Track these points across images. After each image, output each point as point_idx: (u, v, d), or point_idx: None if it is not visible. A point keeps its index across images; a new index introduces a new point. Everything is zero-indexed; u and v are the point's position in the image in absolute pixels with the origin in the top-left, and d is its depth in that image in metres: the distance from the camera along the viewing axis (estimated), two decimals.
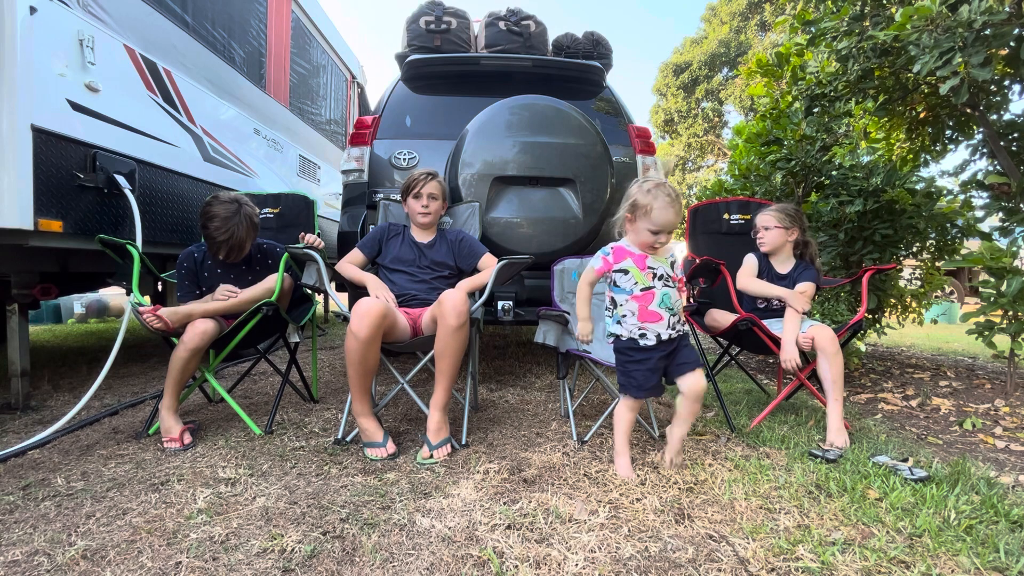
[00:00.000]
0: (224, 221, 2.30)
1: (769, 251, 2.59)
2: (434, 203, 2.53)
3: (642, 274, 1.83)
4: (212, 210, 2.32)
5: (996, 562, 1.32)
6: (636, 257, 1.84)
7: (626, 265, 1.84)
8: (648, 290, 1.83)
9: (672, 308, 1.84)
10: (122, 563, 1.30)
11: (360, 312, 1.95)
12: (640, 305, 1.83)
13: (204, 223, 2.34)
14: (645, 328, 1.82)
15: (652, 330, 1.82)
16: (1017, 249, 2.95)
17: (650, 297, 1.82)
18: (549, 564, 1.31)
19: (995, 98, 3.18)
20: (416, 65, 3.46)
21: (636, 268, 1.83)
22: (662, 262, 1.86)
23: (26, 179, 2.22)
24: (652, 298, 1.82)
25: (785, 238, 2.55)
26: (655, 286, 1.83)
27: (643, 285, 1.83)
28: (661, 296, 1.83)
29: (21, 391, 2.59)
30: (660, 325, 1.82)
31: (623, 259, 1.85)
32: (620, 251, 1.87)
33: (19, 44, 2.19)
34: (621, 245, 1.87)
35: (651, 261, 1.84)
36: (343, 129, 6.64)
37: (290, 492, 1.69)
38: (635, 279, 1.83)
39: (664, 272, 1.85)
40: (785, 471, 1.87)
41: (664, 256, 1.87)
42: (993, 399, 2.88)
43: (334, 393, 2.98)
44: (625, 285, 1.85)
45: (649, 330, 1.82)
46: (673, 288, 1.87)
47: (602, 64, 3.74)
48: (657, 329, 1.82)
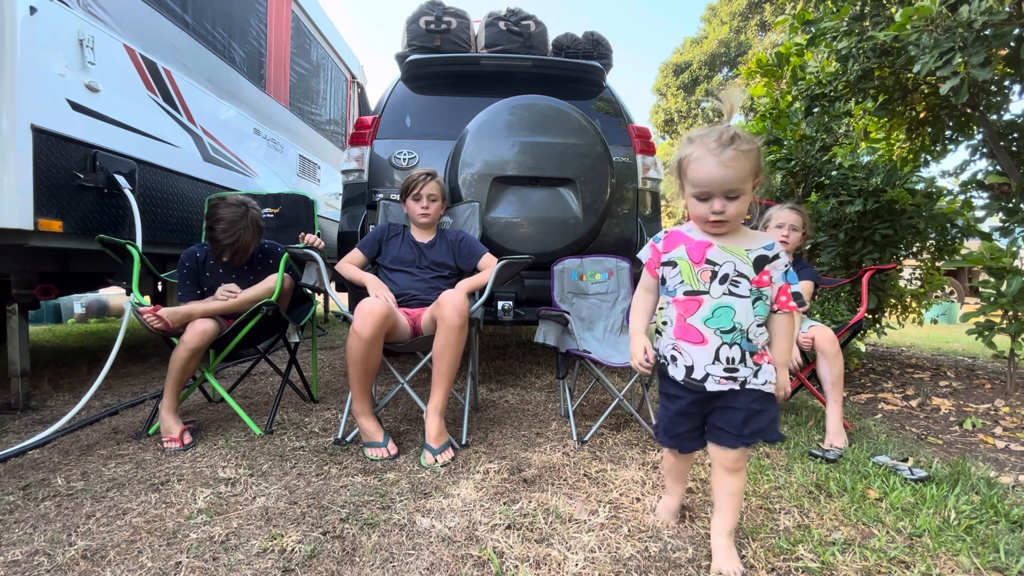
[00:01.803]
0: (230, 224, 2.31)
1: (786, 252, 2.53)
2: (433, 204, 2.53)
3: (693, 270, 1.25)
4: (219, 212, 2.32)
5: (996, 562, 1.32)
6: (693, 245, 1.26)
7: (675, 255, 1.28)
8: (695, 296, 1.24)
9: (731, 333, 1.22)
10: (122, 563, 1.30)
11: (364, 312, 1.95)
12: (679, 314, 1.26)
13: (211, 225, 2.34)
14: (679, 350, 1.28)
15: (687, 356, 1.26)
16: (1017, 249, 2.95)
17: (694, 306, 1.24)
18: (549, 564, 1.31)
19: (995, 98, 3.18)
20: (416, 65, 3.46)
21: (687, 260, 1.26)
22: (738, 255, 1.23)
23: (26, 179, 2.22)
24: (697, 307, 1.24)
25: (800, 242, 2.54)
26: (709, 291, 1.23)
27: (689, 287, 1.25)
28: (713, 308, 1.22)
29: (21, 391, 2.59)
30: (701, 353, 1.24)
31: (675, 246, 1.29)
32: (675, 236, 1.31)
33: (19, 44, 2.19)
34: (679, 228, 1.33)
35: (716, 252, 1.24)
36: (343, 129, 6.64)
37: (290, 492, 1.69)
38: (682, 276, 1.27)
39: (734, 272, 1.22)
40: (785, 471, 1.87)
41: (746, 246, 1.24)
42: (993, 399, 2.88)
43: (334, 393, 2.98)
44: (671, 283, 1.30)
45: (683, 355, 1.27)
46: (750, 300, 1.23)
47: (602, 64, 3.74)
48: (694, 357, 1.25)
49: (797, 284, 1.26)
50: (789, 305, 1.25)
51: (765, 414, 1.24)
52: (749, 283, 1.22)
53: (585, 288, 2.70)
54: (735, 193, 1.18)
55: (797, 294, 1.26)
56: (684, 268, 1.26)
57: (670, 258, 1.30)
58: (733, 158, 1.16)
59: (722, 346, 1.23)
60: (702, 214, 1.22)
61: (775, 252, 1.25)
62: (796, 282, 1.26)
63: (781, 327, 1.27)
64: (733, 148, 1.15)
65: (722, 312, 1.22)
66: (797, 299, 1.26)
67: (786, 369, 1.28)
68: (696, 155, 1.19)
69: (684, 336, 1.26)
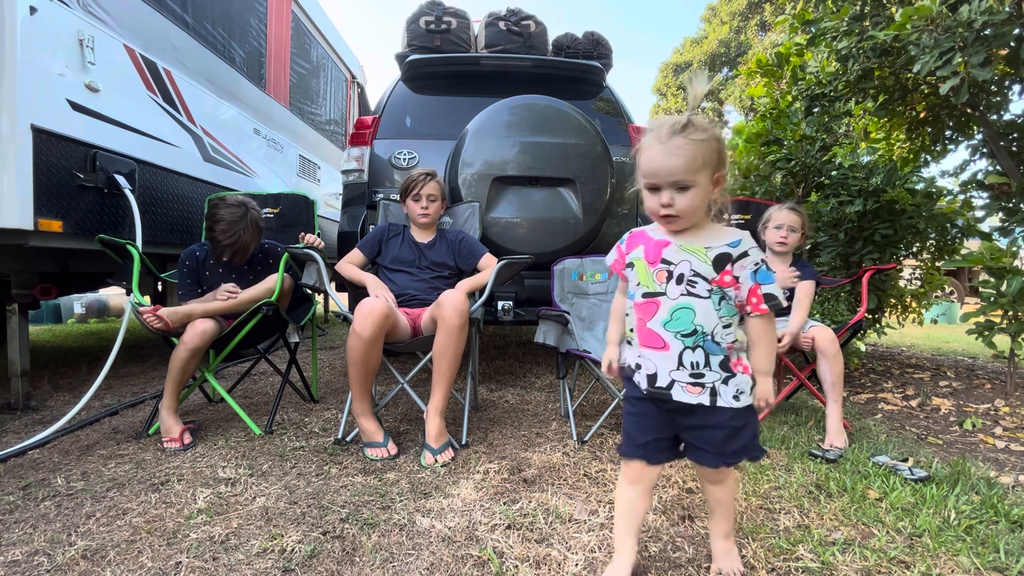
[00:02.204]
0: (230, 225, 2.31)
1: (785, 252, 2.53)
2: (433, 204, 2.53)
3: (649, 270, 1.18)
4: (218, 213, 2.33)
5: (996, 562, 1.32)
6: (651, 245, 1.19)
7: (634, 256, 1.22)
8: (653, 297, 1.16)
9: (693, 336, 1.13)
10: (122, 563, 1.30)
11: (364, 312, 1.95)
12: (639, 318, 1.19)
13: (210, 225, 2.34)
14: (641, 357, 1.20)
15: (650, 363, 1.17)
16: (1017, 249, 2.95)
17: (652, 308, 1.16)
18: (549, 564, 1.31)
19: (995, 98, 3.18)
20: (416, 65, 3.46)
21: (643, 261, 1.19)
22: (695, 253, 1.14)
23: (26, 179, 2.22)
24: (655, 310, 1.16)
25: (800, 242, 2.53)
26: (665, 292, 1.15)
27: (647, 288, 1.18)
28: (671, 310, 1.14)
29: (21, 391, 2.59)
30: (664, 359, 1.15)
31: (635, 247, 1.23)
32: (636, 236, 1.25)
33: (19, 44, 2.19)
34: (644, 228, 1.26)
35: (672, 251, 1.16)
36: (343, 129, 6.64)
37: (290, 492, 1.69)
38: (639, 277, 1.20)
39: (689, 272, 1.14)
40: (785, 471, 1.87)
41: (706, 243, 1.14)
42: (993, 399, 2.88)
43: (334, 393, 2.98)
44: (630, 286, 1.23)
45: (646, 362, 1.18)
46: (711, 300, 1.13)
47: (602, 64, 3.74)
48: (657, 364, 1.16)
49: (771, 284, 1.13)
50: (760, 308, 1.13)
51: (746, 430, 1.16)
52: (708, 283, 1.12)
53: (585, 288, 2.70)
54: (684, 184, 1.08)
55: (769, 295, 1.12)
56: (640, 269, 1.19)
57: (630, 259, 1.23)
58: (680, 147, 1.07)
59: (685, 350, 1.13)
60: (653, 207, 1.14)
61: (743, 249, 1.12)
62: (769, 281, 1.13)
63: (756, 332, 1.15)
64: (683, 136, 1.07)
65: (681, 314, 1.13)
66: (769, 300, 1.12)
67: (769, 378, 1.17)
68: (645, 143, 1.12)
69: (646, 342, 1.17)
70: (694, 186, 1.09)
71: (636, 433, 1.24)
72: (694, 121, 1.09)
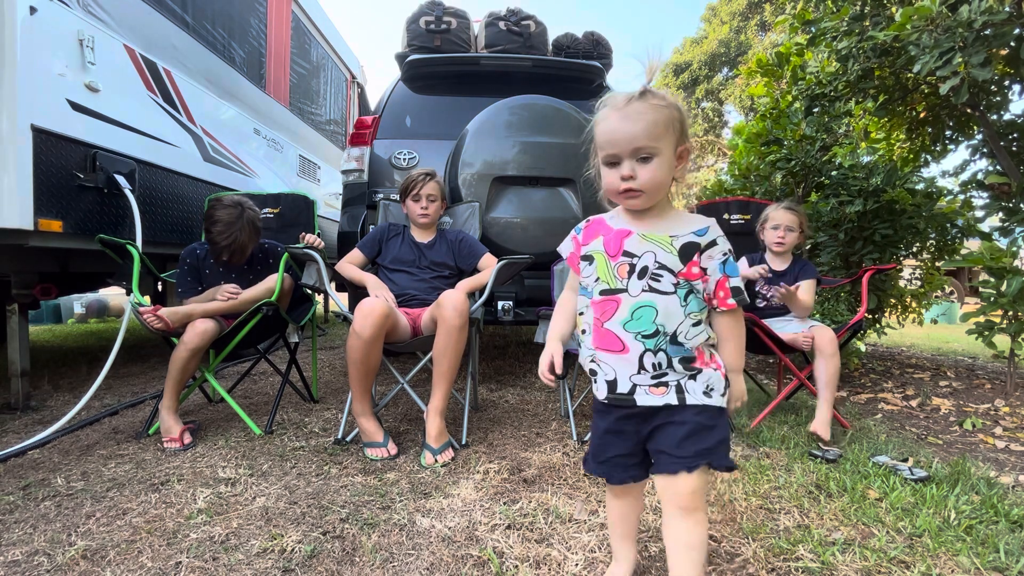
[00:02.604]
0: (227, 226, 2.31)
1: (784, 251, 2.53)
2: (433, 204, 2.53)
3: (609, 264, 1.05)
4: (215, 214, 2.33)
5: (996, 562, 1.32)
6: (611, 235, 1.07)
7: (592, 248, 1.09)
8: (612, 295, 1.04)
9: (654, 338, 1.01)
10: (122, 563, 1.30)
11: (364, 311, 1.95)
12: (596, 317, 1.06)
13: (208, 227, 2.35)
14: (597, 362, 1.07)
15: (607, 369, 1.06)
16: (1017, 249, 2.95)
17: (612, 307, 1.04)
18: (549, 564, 1.31)
19: (995, 98, 3.18)
20: (416, 65, 3.46)
21: (602, 254, 1.06)
22: (660, 243, 1.02)
23: (26, 179, 2.22)
24: (615, 309, 1.03)
25: (798, 241, 2.53)
26: (627, 288, 1.03)
27: (606, 284, 1.05)
28: (632, 309, 1.02)
29: (21, 391, 2.59)
30: (623, 363, 1.03)
31: (594, 237, 1.10)
32: (595, 225, 1.13)
33: (19, 44, 2.19)
34: (603, 216, 1.14)
35: (635, 241, 1.04)
36: (343, 129, 6.64)
37: (290, 492, 1.69)
38: (597, 272, 1.07)
39: (654, 264, 1.02)
40: (785, 471, 1.87)
41: (671, 231, 1.03)
42: (993, 399, 2.88)
43: (334, 393, 2.98)
44: (587, 282, 1.10)
45: (603, 367, 1.06)
46: (678, 296, 1.02)
47: (602, 64, 3.74)
48: (616, 368, 1.05)
49: (737, 276, 1.04)
50: (727, 303, 1.03)
51: (713, 432, 1.02)
52: (674, 276, 1.01)
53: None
54: (646, 153, 0.98)
55: (737, 289, 1.03)
56: (600, 263, 1.06)
57: (588, 251, 1.10)
58: (639, 111, 0.98)
59: (645, 352, 1.02)
60: (612, 184, 1.02)
61: (710, 238, 1.03)
62: (736, 274, 1.04)
63: (725, 328, 1.07)
64: (641, 101, 0.99)
65: (642, 313, 1.01)
66: (737, 295, 1.03)
67: (740, 375, 1.09)
68: (601, 116, 1.04)
69: (602, 344, 1.05)
70: (657, 155, 0.98)
71: (598, 447, 1.13)
72: (651, 89, 1.01)
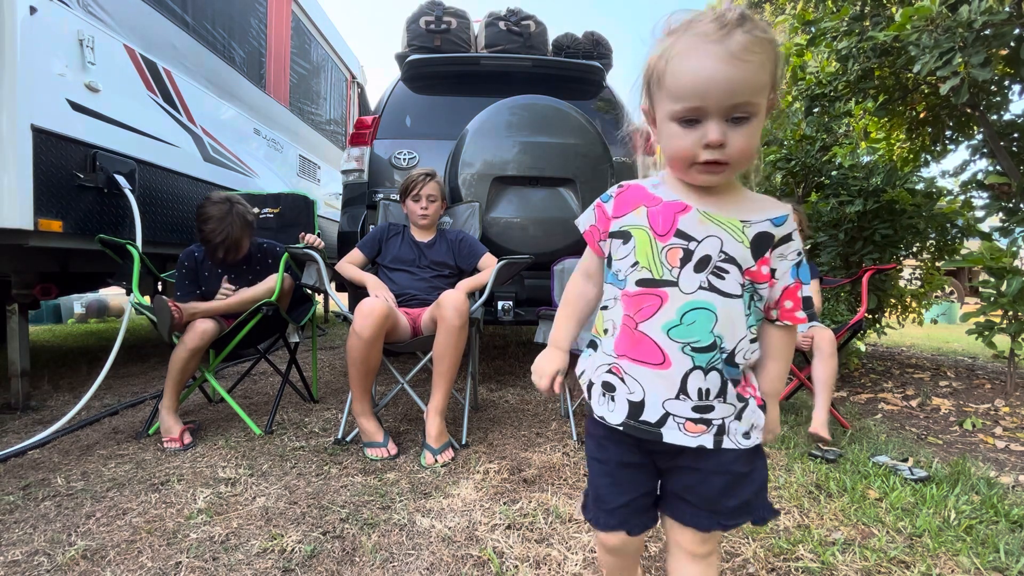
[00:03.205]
0: (218, 222, 2.31)
1: None
2: (433, 204, 2.53)
3: (655, 245, 0.78)
4: (205, 212, 2.33)
5: (996, 562, 1.32)
6: (659, 207, 0.79)
7: (630, 222, 0.81)
8: (655, 287, 0.78)
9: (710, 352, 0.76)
10: (122, 563, 1.30)
11: (364, 311, 1.95)
12: (627, 316, 0.80)
13: (199, 226, 2.34)
14: (622, 374, 0.81)
15: (635, 385, 0.80)
16: (1017, 249, 2.95)
17: (653, 304, 0.78)
18: (549, 564, 1.31)
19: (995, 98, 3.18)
20: (416, 65, 3.46)
21: (646, 231, 0.79)
22: (729, 228, 0.76)
23: (26, 179, 2.22)
24: (658, 307, 0.77)
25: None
26: (677, 281, 0.77)
27: (647, 273, 0.78)
28: (682, 311, 0.76)
29: (21, 391, 2.59)
30: (659, 381, 0.78)
31: (631, 208, 0.82)
32: (633, 192, 0.84)
33: (19, 44, 2.19)
34: (639, 183, 0.85)
35: (694, 221, 0.77)
36: (343, 129, 6.64)
37: (290, 492, 1.69)
38: (636, 254, 0.80)
39: (718, 254, 0.76)
40: (785, 471, 1.87)
41: (743, 214, 0.77)
42: (993, 399, 2.88)
43: (334, 393, 2.98)
44: (619, 266, 0.82)
45: (628, 382, 0.80)
46: (742, 301, 0.77)
47: (602, 64, 3.74)
48: (647, 386, 0.79)
49: (810, 284, 0.80)
50: (796, 316, 0.79)
51: (753, 478, 0.81)
52: (741, 274, 0.75)
53: None
54: (744, 111, 0.69)
55: (809, 300, 0.80)
56: (642, 242, 0.78)
57: (622, 226, 0.81)
58: (744, 48, 0.67)
59: (693, 371, 0.75)
60: (687, 149, 0.72)
61: (787, 231, 0.77)
62: (809, 280, 0.80)
63: (777, 345, 0.83)
64: (743, 32, 0.68)
65: (696, 317, 0.75)
66: (808, 308, 0.80)
67: (777, 402, 0.86)
68: (681, 47, 0.71)
69: (633, 352, 0.78)
70: (756, 114, 0.71)
71: (608, 491, 0.86)
72: (748, 13, 0.71)
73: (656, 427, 0.80)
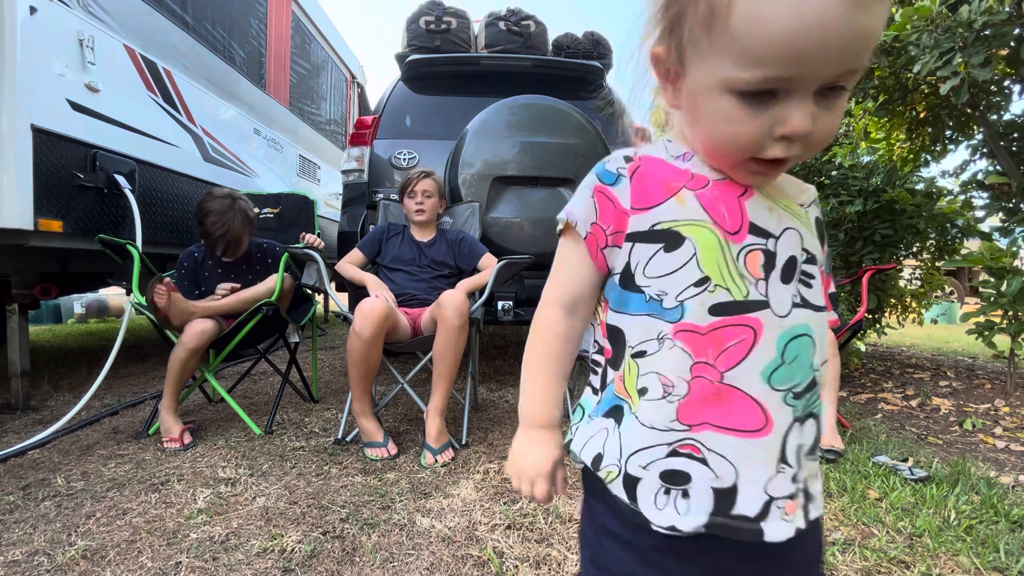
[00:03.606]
0: (219, 216, 2.31)
1: None
2: (429, 200, 2.53)
3: (728, 248, 0.52)
4: (207, 206, 2.33)
5: (996, 562, 1.32)
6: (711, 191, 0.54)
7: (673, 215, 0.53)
8: (743, 312, 0.51)
9: (808, 394, 0.53)
10: (122, 563, 1.30)
11: (364, 311, 1.96)
12: (699, 363, 0.52)
13: (200, 219, 2.34)
14: (696, 452, 0.52)
15: (719, 466, 0.52)
16: (1017, 249, 2.95)
17: (743, 339, 0.51)
18: (549, 564, 1.31)
19: (995, 98, 3.18)
20: (416, 65, 3.46)
21: (710, 227, 0.52)
22: (796, 215, 0.56)
23: (26, 179, 2.22)
24: (750, 344, 0.51)
25: None
26: (768, 300, 0.52)
27: (723, 294, 0.52)
28: (781, 344, 0.52)
29: (21, 391, 2.59)
30: (757, 455, 0.51)
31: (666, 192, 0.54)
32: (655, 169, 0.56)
33: (19, 44, 2.19)
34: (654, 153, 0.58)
35: (762, 208, 0.54)
36: (343, 129, 6.64)
37: (290, 492, 1.69)
38: (701, 267, 0.52)
39: (800, 252, 0.54)
40: None
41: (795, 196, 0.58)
42: (993, 399, 2.88)
43: (334, 393, 2.98)
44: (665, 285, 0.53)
45: (709, 460, 0.52)
46: (825, 316, 0.57)
47: (602, 64, 3.74)
48: (736, 467, 0.51)
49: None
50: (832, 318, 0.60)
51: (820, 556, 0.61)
52: (813, 276, 0.56)
53: None
54: (847, 80, 0.47)
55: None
56: (707, 245, 0.52)
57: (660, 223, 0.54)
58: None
59: (792, 427, 0.53)
60: (749, 138, 0.49)
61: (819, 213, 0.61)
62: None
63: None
64: None
65: (799, 349, 0.53)
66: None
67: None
68: None
69: (719, 417, 0.52)
70: (849, 86, 0.49)
71: None
72: None
73: (756, 521, 0.51)
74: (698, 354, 0.52)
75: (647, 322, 0.54)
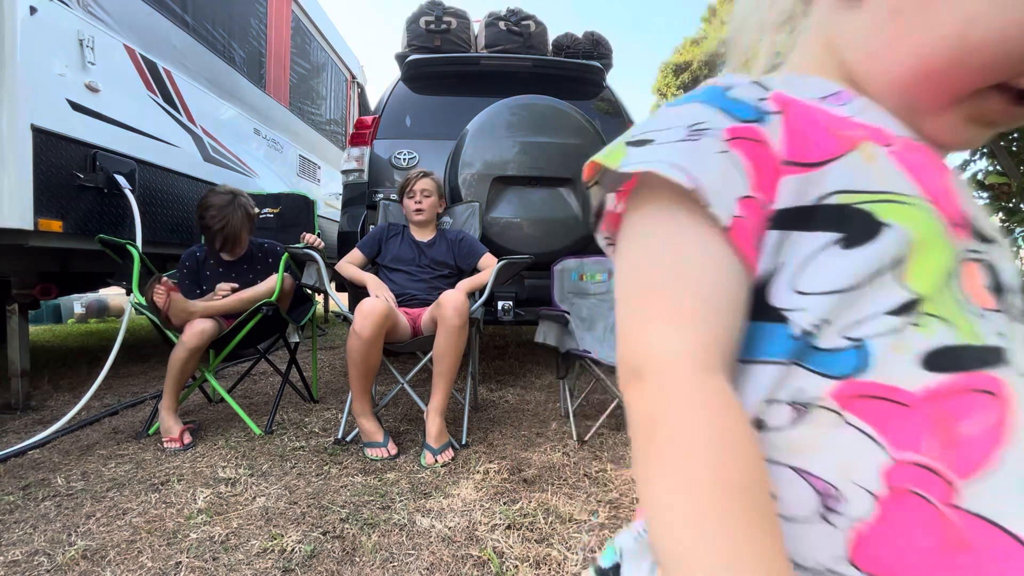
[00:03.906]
0: (219, 210, 2.31)
1: None
2: (428, 199, 2.53)
3: (951, 254, 0.30)
4: (207, 200, 2.35)
5: None
6: (903, 149, 0.31)
7: (867, 183, 0.30)
8: (979, 368, 0.28)
9: None
10: (122, 563, 1.30)
11: (364, 311, 1.96)
12: (900, 465, 0.27)
13: (200, 214, 2.35)
14: None
15: None
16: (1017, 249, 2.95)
17: (984, 418, 0.27)
18: (549, 564, 1.31)
19: None
20: (416, 65, 3.46)
21: (925, 204, 0.29)
22: None
23: (26, 179, 2.22)
24: (999, 429, 0.27)
25: None
26: (1008, 346, 0.29)
27: (946, 334, 0.28)
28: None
29: (21, 391, 2.59)
30: None
31: (840, 146, 0.31)
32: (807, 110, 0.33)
33: (19, 44, 2.19)
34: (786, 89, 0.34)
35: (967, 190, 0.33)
36: (343, 129, 6.64)
37: (290, 492, 1.69)
38: (912, 281, 0.29)
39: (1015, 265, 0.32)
40: None
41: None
42: None
43: (334, 393, 2.98)
44: (834, 312, 0.29)
45: None
46: None
47: (602, 64, 3.74)
48: None
49: None
50: None
51: None
52: None
53: (585, 288, 2.70)
54: None
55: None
56: (927, 239, 0.29)
57: (841, 190, 0.30)
58: None
59: None
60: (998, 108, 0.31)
61: None
62: None
63: None
64: None
65: None
66: None
67: None
68: None
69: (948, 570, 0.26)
70: None
71: None
72: None
73: None
74: (899, 443, 0.28)
75: (781, 374, 0.31)
